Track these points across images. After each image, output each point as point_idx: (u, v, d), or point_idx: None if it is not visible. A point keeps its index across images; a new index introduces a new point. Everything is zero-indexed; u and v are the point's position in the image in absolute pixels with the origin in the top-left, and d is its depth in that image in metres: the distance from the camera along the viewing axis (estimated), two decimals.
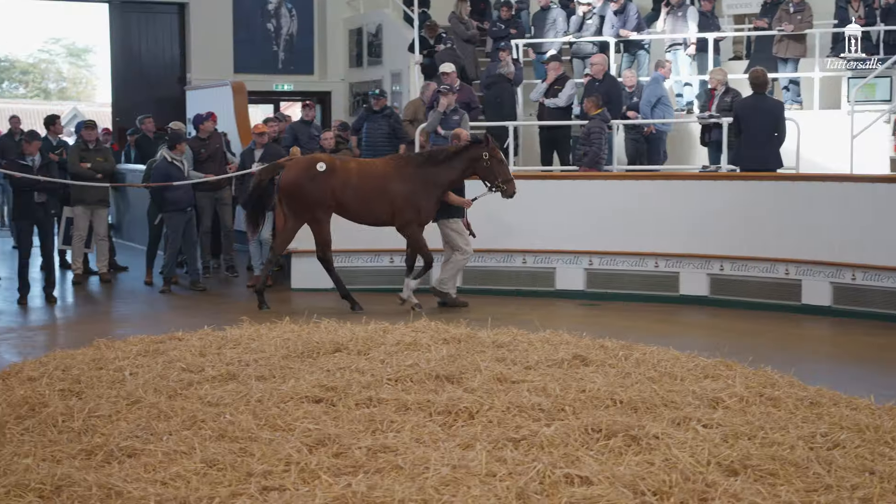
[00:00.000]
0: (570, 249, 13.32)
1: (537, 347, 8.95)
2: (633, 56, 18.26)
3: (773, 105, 13.46)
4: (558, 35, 18.67)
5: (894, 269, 11.52)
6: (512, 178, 12.02)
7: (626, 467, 5.72)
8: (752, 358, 8.74)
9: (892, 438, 6.43)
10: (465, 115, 14.92)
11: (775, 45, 17.34)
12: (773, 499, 5.33)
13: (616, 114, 15.45)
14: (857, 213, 11.79)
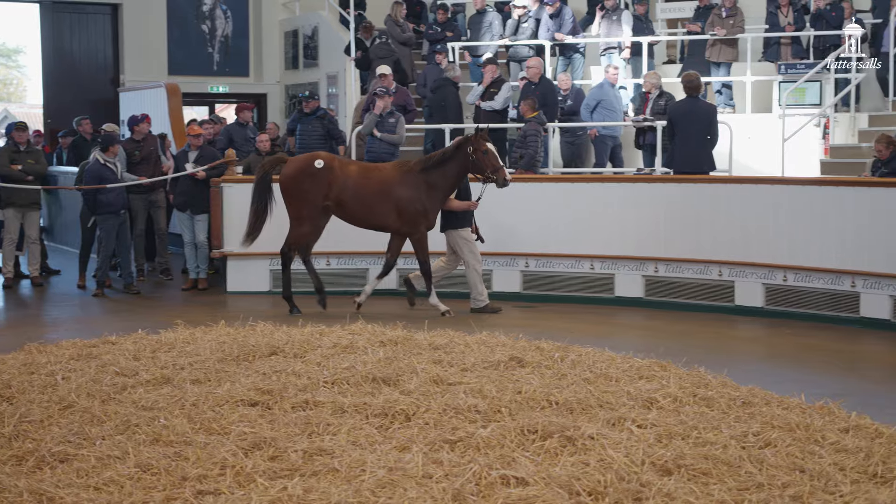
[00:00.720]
0: (508, 252, 13.37)
1: (474, 349, 8.95)
2: (568, 59, 18.38)
3: (706, 108, 13.63)
4: (494, 38, 18.75)
5: (825, 270, 11.70)
6: (501, 167, 11.79)
7: (561, 468, 5.75)
8: (685, 359, 8.83)
9: (822, 437, 6.53)
10: (401, 117, 14.94)
11: (708, 49, 17.56)
12: (706, 497, 5.39)
13: (552, 116, 15.55)
14: (789, 215, 11.96)
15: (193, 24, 22.61)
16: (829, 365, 9.86)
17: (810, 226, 11.81)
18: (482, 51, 18.60)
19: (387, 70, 16.29)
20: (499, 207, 13.36)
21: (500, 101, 16.20)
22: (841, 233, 11.59)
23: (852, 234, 11.51)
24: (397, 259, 12.39)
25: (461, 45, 18.90)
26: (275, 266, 13.67)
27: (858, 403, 7.51)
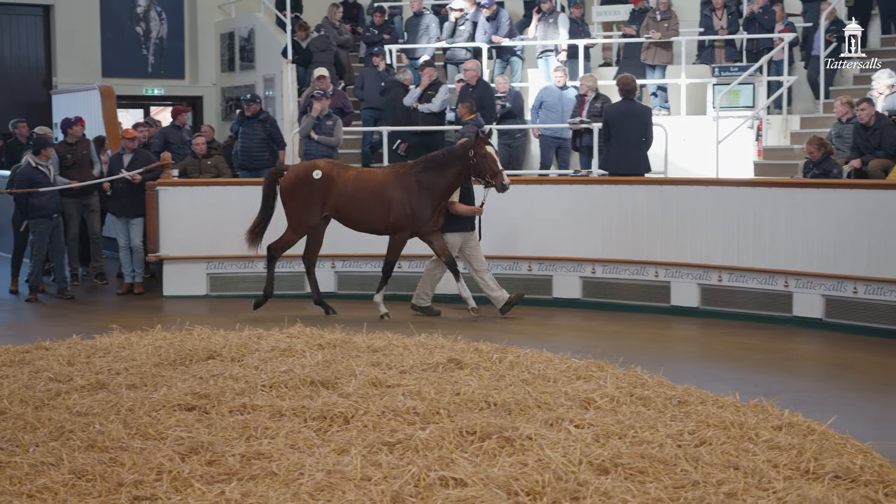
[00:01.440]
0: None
1: (412, 351, 8.98)
2: (505, 62, 18.45)
3: (642, 111, 13.75)
4: (431, 41, 18.77)
5: (759, 270, 11.85)
6: (499, 171, 11.59)
7: (499, 468, 5.79)
8: (622, 359, 8.91)
9: (756, 434, 6.63)
10: (338, 120, 14.91)
11: (643, 51, 17.71)
12: (642, 496, 5.44)
13: (489, 119, 15.61)
14: (723, 216, 12.10)
15: (127, 26, 22.38)
16: (762, 364, 9.99)
17: (744, 226, 11.95)
18: (419, 53, 18.61)
19: (324, 72, 16.25)
20: None
21: (437, 104, 16.22)
22: (774, 233, 11.75)
23: (785, 234, 11.67)
24: (394, 263, 12.22)
25: (398, 47, 18.89)
26: (211, 269, 13.62)
27: (791, 401, 7.62)
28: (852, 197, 11.31)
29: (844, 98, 13.96)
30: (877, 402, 8.53)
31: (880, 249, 10.99)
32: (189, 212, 13.84)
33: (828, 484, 5.80)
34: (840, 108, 13.79)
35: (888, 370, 9.61)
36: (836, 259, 11.31)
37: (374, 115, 17.43)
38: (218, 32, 22.54)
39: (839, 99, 14.07)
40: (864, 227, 11.10)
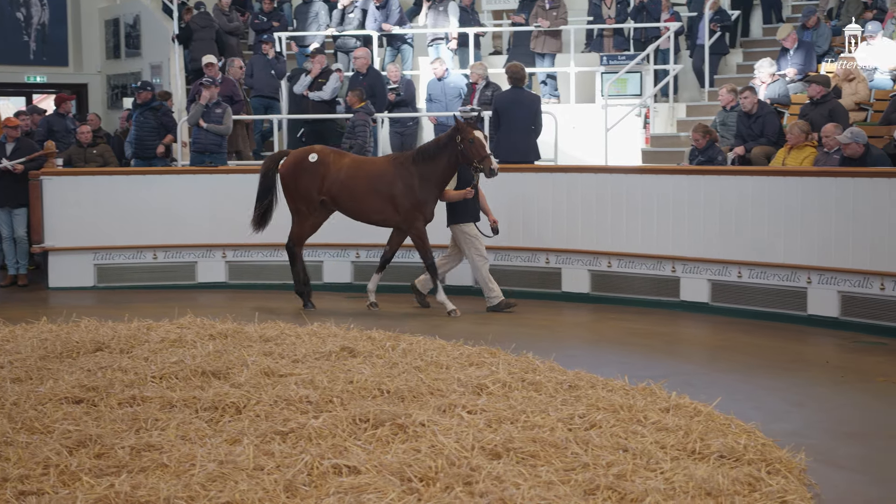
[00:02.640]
0: (338, 243, 13.34)
1: (305, 340, 8.94)
2: (396, 50, 18.44)
3: (531, 99, 13.85)
4: (321, 28, 18.66)
5: (647, 256, 12.05)
6: (487, 155, 11.32)
7: (393, 455, 5.81)
8: (514, 345, 9.00)
9: (645, 417, 6.76)
10: (227, 108, 14.74)
11: (532, 40, 17.85)
12: (533, 479, 5.51)
13: (380, 107, 15.59)
14: (612, 202, 12.27)
15: (7, 12, 21.76)
16: (651, 348, 10.18)
17: (633, 213, 12.14)
18: (309, 41, 18.49)
19: (213, 60, 16.05)
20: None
21: (328, 92, 16.15)
22: (661, 220, 11.95)
23: (672, 220, 11.88)
24: (395, 254, 12.08)
25: (288, 35, 18.75)
26: (99, 260, 13.40)
27: (678, 384, 7.78)
28: (736, 183, 11.56)
29: (728, 86, 14.27)
30: (760, 383, 8.74)
31: (763, 235, 11.26)
32: (75, 202, 13.57)
33: (713, 463, 5.95)
34: (725, 96, 14.09)
35: (771, 352, 9.85)
36: (721, 244, 11.56)
37: (265, 103, 17.26)
38: (102, 18, 22.05)
39: (723, 87, 14.38)
40: (748, 213, 11.37)
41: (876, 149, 11.77)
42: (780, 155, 12.58)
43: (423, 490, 5.36)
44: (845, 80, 14.24)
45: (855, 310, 10.72)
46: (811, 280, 10.98)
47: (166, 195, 13.60)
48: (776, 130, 13.22)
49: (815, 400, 8.22)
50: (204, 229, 13.51)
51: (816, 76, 13.95)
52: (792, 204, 11.05)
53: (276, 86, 17.15)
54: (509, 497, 5.18)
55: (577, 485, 5.48)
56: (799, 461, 6.13)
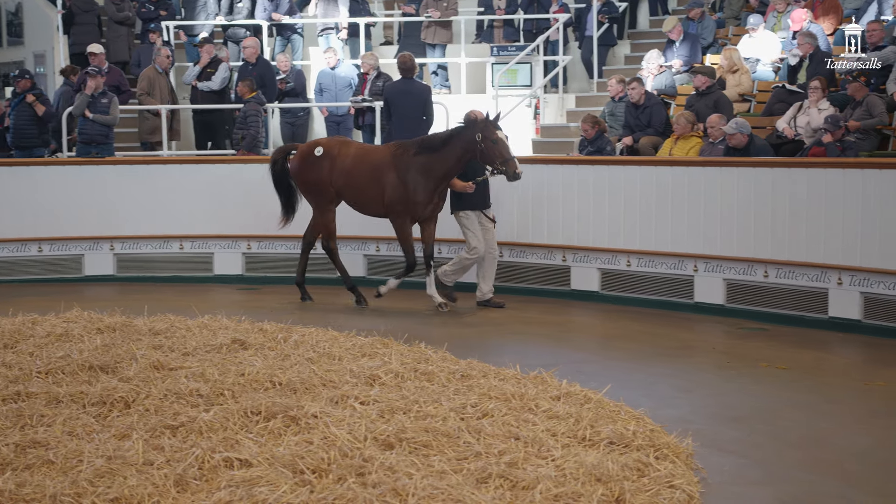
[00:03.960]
0: (229, 234, 13.23)
1: (195, 333, 8.86)
2: (286, 40, 18.30)
3: (421, 89, 13.84)
4: (209, 17, 18.42)
5: (539, 245, 12.13)
6: (511, 157, 10.79)
7: (285, 447, 5.79)
8: (407, 335, 9.01)
9: (536, 405, 6.84)
10: (114, 98, 14.47)
11: (423, 30, 17.87)
12: (426, 469, 5.53)
13: (271, 97, 15.47)
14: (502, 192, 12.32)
15: None
16: (542, 337, 10.29)
17: (523, 203, 12.22)
18: (197, 30, 18.24)
19: (98, 49, 15.75)
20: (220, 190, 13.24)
21: (217, 82, 16.00)
22: (552, 210, 12.06)
23: (562, 210, 12.00)
24: (433, 248, 11.49)
25: (175, 24, 18.46)
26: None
27: (569, 372, 7.88)
28: (624, 173, 11.73)
29: (617, 77, 14.46)
30: (649, 370, 8.91)
31: (650, 224, 11.45)
32: None
33: (603, 450, 6.04)
34: (613, 87, 14.27)
35: (659, 339, 10.03)
36: (610, 234, 11.72)
37: None
38: None
39: (612, 78, 14.56)
40: (636, 203, 11.54)
41: (759, 139, 12.05)
42: (666, 145, 12.80)
43: (315, 482, 5.35)
44: (729, 71, 14.53)
45: (739, 297, 10.97)
46: (697, 268, 11.20)
47: (52, 187, 13.32)
48: (663, 121, 13.45)
49: (702, 386, 8.40)
50: (91, 221, 13.26)
51: (702, 67, 14.21)
52: (678, 193, 11.25)
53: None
54: (402, 487, 5.19)
55: (470, 473, 5.52)
56: (686, 446, 6.27)
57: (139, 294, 11.99)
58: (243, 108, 14.32)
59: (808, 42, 13.84)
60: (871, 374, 8.73)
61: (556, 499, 5.24)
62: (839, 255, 10.21)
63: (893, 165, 10.14)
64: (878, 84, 13.00)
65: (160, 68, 15.94)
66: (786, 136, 12.48)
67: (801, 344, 9.79)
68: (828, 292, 10.35)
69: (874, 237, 9.95)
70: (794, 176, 10.60)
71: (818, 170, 10.52)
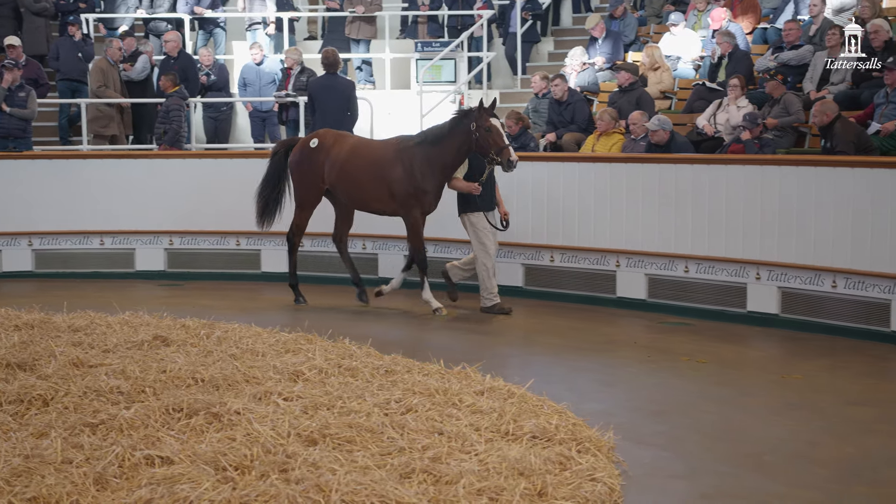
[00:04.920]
0: (150, 230, 13.09)
1: (116, 330, 8.77)
2: (208, 34, 18.15)
3: (345, 84, 13.81)
4: (130, 10, 18.20)
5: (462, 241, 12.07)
6: (506, 146, 10.41)
7: (207, 444, 5.74)
8: (331, 331, 8.99)
9: (460, 400, 6.86)
10: (31, 91, 14.24)
11: (348, 25, 17.83)
12: (350, 464, 5.52)
13: (193, 91, 15.33)
14: None
15: None
16: (466, 331, 10.32)
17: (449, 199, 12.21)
18: (118, 24, 18.01)
19: (15, 41, 15.49)
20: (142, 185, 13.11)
21: (135, 73, 15.83)
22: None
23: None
24: (423, 248, 11.05)
25: (95, 16, 18.20)
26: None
27: (493, 367, 7.91)
28: (547, 169, 11.80)
29: (540, 74, 14.54)
30: (572, 364, 8.99)
31: (574, 220, 11.53)
32: None
33: (526, 444, 6.08)
34: (537, 83, 14.35)
35: (581, 334, 10.12)
36: (533, 229, 11.79)
37: (72, 86, 16.71)
38: None
39: (535, 75, 14.64)
40: (558, 199, 11.62)
41: (680, 136, 12.21)
42: (589, 141, 12.90)
43: (238, 478, 5.31)
44: (651, 69, 14.70)
45: (661, 291, 11.10)
46: (620, 263, 11.32)
47: None
48: (586, 117, 13.56)
49: (624, 380, 8.50)
50: (8, 217, 13.04)
51: (625, 64, 14.35)
52: (601, 189, 11.35)
53: (83, 69, 16.60)
54: (325, 483, 5.18)
55: (393, 469, 5.52)
56: (608, 440, 6.33)
57: (58, 290, 11.82)
58: (165, 103, 14.18)
59: (726, 41, 14.04)
60: (788, 367, 8.89)
61: (479, 493, 5.26)
62: (757, 251, 10.38)
63: (810, 162, 10.32)
64: (795, 82, 13.24)
65: (111, 60, 15.70)
66: (706, 133, 12.66)
67: (722, 338, 9.94)
68: (746, 287, 10.52)
69: (791, 233, 10.13)
70: (713, 172, 10.75)
71: (737, 166, 10.68)
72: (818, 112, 11.03)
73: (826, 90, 12.65)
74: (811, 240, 10.01)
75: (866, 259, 9.67)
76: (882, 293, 9.60)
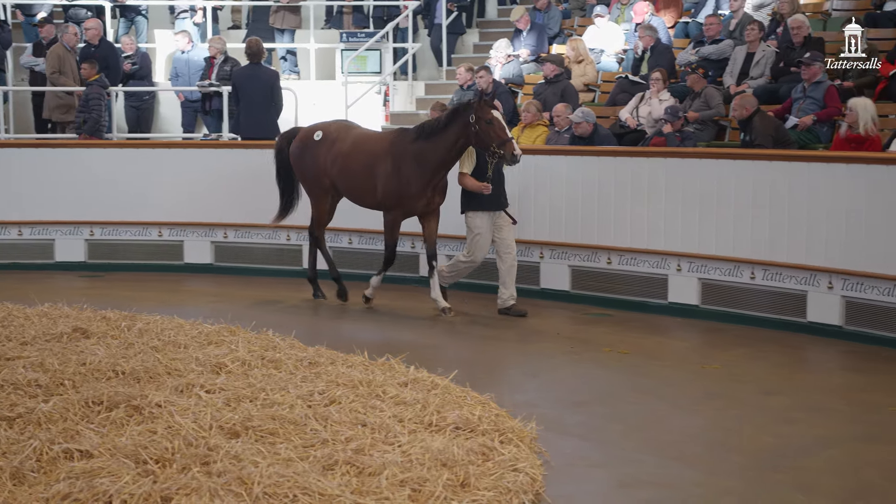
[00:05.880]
0: (70, 220, 12.90)
1: (34, 322, 8.65)
2: (130, 22, 17.92)
3: (268, 74, 13.74)
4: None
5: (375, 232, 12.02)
6: (509, 139, 9.81)
7: (128, 438, 5.69)
8: (255, 322, 8.94)
9: (384, 391, 6.87)
10: None
11: (272, 15, 17.73)
12: (272, 457, 5.51)
13: (114, 80, 15.12)
14: None
15: None
16: (391, 323, 10.33)
17: None
18: (36, 10, 17.70)
19: None
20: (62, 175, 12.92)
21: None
22: None
23: None
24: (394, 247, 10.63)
25: (13, 2, 17.88)
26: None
27: (417, 358, 7.91)
28: None
29: (465, 66, 14.58)
30: (495, 355, 9.05)
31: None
32: None
33: (449, 435, 6.11)
34: (462, 75, 14.38)
35: (505, 325, 10.15)
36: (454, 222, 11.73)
37: None
38: None
39: (460, 66, 14.68)
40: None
41: (603, 128, 12.32)
42: (514, 133, 12.92)
43: (158, 472, 5.27)
44: (575, 61, 14.80)
45: (584, 283, 11.18)
46: (543, 255, 11.38)
47: None
48: (511, 109, 13.61)
49: (547, 371, 8.57)
50: None
51: (551, 56, 14.46)
52: (525, 181, 11.37)
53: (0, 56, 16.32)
54: (247, 476, 5.16)
55: (316, 461, 5.52)
56: (530, 430, 6.38)
57: None
58: (86, 91, 13.97)
59: (648, 34, 14.20)
60: (707, 357, 9.02)
61: (402, 484, 5.28)
62: (678, 243, 10.50)
63: (729, 155, 10.46)
64: (715, 76, 13.42)
65: (68, 46, 15.40)
66: (628, 126, 12.79)
67: (643, 329, 10.06)
68: (668, 278, 10.65)
69: (711, 225, 10.27)
70: (635, 164, 10.86)
71: (659, 159, 10.80)
72: (738, 106, 11.21)
73: (746, 84, 12.85)
74: (730, 232, 10.16)
75: (783, 251, 9.84)
76: (798, 284, 9.77)
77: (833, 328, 9.57)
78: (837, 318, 9.56)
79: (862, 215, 9.30)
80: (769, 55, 13.02)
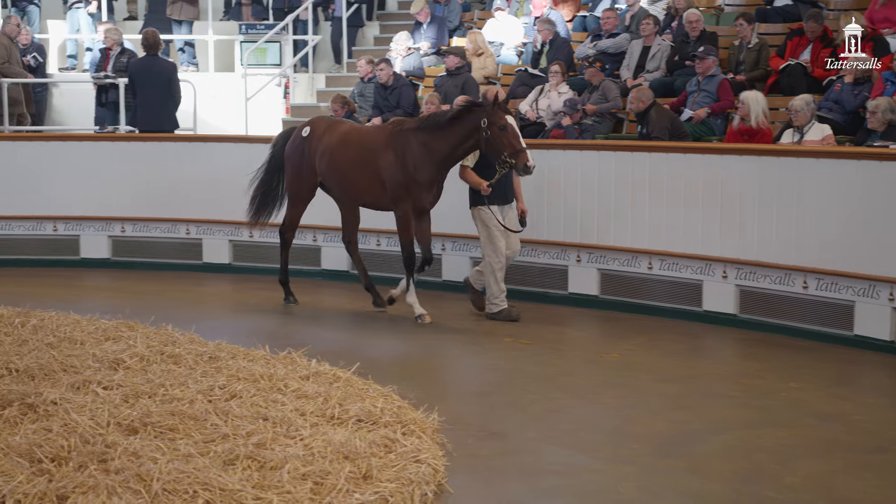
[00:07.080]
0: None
1: None
2: (21, 11, 17.55)
3: (166, 66, 13.59)
4: None
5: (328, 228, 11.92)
6: (523, 149, 9.18)
7: (22, 436, 5.59)
8: (153, 318, 8.85)
9: (285, 385, 6.85)
10: None
11: (169, 6, 17.53)
12: (172, 453, 5.46)
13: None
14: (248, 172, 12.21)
15: None
16: (293, 317, 10.29)
17: None
18: None
19: None
20: None
21: None
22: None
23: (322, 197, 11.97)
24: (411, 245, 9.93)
25: None
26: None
27: (319, 351, 7.90)
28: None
29: (366, 58, 14.56)
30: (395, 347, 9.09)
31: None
32: None
33: (351, 427, 6.12)
34: (362, 67, 14.37)
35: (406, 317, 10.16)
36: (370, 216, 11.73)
37: None
38: None
39: (361, 59, 14.66)
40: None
41: None
42: None
43: (54, 470, 5.19)
44: (475, 54, 14.86)
45: None
46: (445, 247, 11.41)
47: None
48: (412, 101, 13.64)
49: (449, 362, 8.66)
50: None
51: (453, 48, 14.51)
52: None
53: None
54: (146, 472, 5.11)
55: (217, 456, 5.48)
56: (432, 421, 6.41)
57: None
58: None
59: (547, 28, 14.32)
60: (606, 347, 9.16)
61: (304, 477, 5.28)
62: (578, 234, 10.63)
63: (627, 148, 10.62)
64: (612, 70, 13.60)
65: (10, 36, 14.96)
66: (528, 119, 12.89)
67: (544, 319, 10.15)
68: (568, 269, 10.76)
69: (609, 216, 10.41)
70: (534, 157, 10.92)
71: (557, 151, 10.90)
72: (634, 99, 11.38)
73: (642, 78, 13.05)
74: (629, 223, 10.31)
75: (680, 242, 10.02)
76: (694, 274, 9.97)
77: (728, 316, 9.79)
78: (732, 306, 9.79)
79: (755, 206, 9.51)
80: (664, 49, 13.25)
